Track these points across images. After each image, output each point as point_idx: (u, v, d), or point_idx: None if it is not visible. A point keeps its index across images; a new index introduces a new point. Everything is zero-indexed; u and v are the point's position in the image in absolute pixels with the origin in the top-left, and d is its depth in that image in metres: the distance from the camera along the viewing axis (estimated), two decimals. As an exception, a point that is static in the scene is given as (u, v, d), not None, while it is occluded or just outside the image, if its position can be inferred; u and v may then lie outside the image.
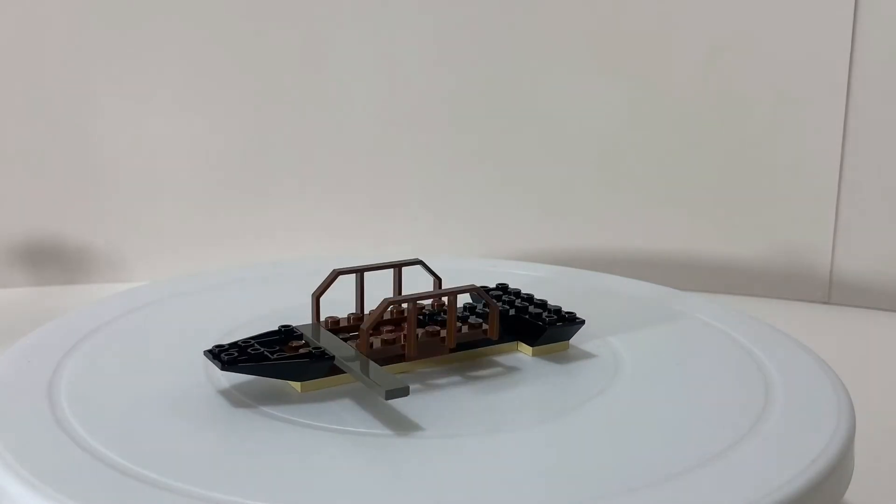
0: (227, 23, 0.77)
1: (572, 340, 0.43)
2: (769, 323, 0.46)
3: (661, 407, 0.37)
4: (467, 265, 0.53)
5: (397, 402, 0.36)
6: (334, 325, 0.40)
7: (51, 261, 0.78)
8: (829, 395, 0.38)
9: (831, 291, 0.77)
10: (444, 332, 0.39)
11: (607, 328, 0.45)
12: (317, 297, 0.40)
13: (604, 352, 0.42)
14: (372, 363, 0.36)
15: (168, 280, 0.53)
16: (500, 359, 0.41)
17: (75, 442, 0.33)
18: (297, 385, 0.37)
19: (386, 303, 0.37)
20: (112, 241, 0.79)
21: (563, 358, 0.41)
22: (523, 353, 0.42)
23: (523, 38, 0.77)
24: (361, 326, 0.37)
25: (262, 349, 0.36)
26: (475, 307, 0.42)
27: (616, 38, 0.77)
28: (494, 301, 0.40)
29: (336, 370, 0.37)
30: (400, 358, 0.38)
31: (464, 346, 0.40)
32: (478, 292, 0.39)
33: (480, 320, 0.40)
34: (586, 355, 0.42)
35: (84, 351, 0.41)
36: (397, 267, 0.42)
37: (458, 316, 0.41)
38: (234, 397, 0.36)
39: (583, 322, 0.42)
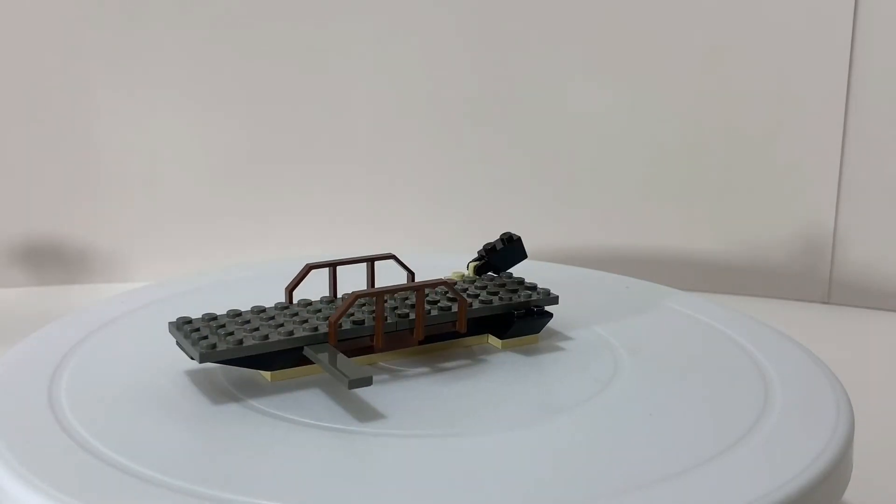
0: (228, 23, 0.77)
1: (571, 338, 0.43)
2: (769, 323, 0.46)
3: (660, 407, 0.37)
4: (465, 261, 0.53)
5: (388, 399, 0.36)
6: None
7: (51, 261, 0.78)
8: (829, 396, 0.38)
9: (831, 291, 0.77)
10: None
11: (606, 327, 0.45)
12: (289, 290, 0.41)
13: (602, 351, 0.42)
14: (340, 354, 0.36)
15: (168, 280, 0.53)
16: (485, 355, 0.41)
17: (75, 441, 0.33)
18: (266, 375, 0.37)
19: (354, 296, 0.37)
20: (112, 241, 0.79)
21: (561, 356, 0.41)
22: (493, 345, 0.42)
23: (523, 37, 0.77)
24: (330, 319, 0.37)
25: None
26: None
27: (616, 38, 0.77)
28: (463, 296, 0.40)
29: (305, 360, 0.38)
30: (369, 350, 0.39)
31: (433, 338, 0.40)
32: (448, 286, 0.39)
33: (449, 304, 0.40)
34: (584, 354, 0.42)
35: (84, 351, 0.41)
36: (370, 261, 0.43)
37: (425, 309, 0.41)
38: (233, 396, 0.37)
39: (551, 315, 0.43)
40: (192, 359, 0.36)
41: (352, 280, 0.43)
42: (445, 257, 0.50)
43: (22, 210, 0.78)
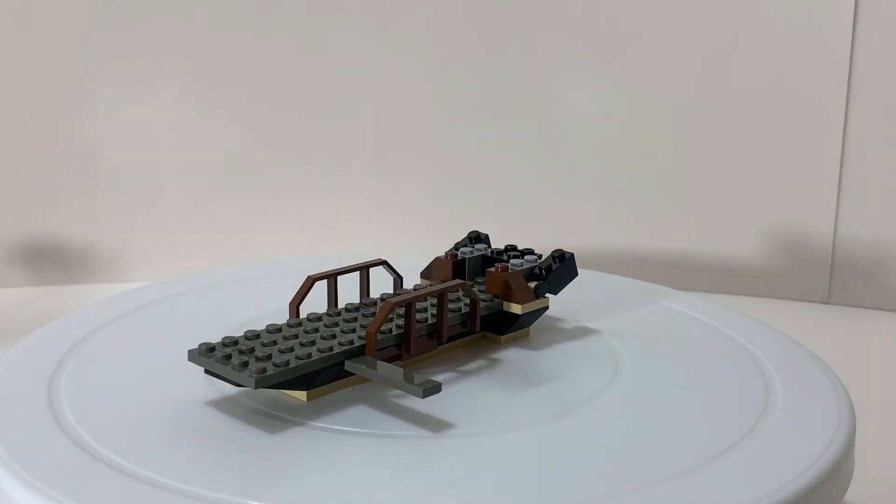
0: (228, 22, 0.77)
1: (572, 339, 0.43)
2: (769, 323, 0.46)
3: (661, 407, 0.37)
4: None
5: (408, 402, 0.36)
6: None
7: (51, 261, 0.78)
8: (829, 396, 0.38)
9: (831, 291, 0.77)
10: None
11: (607, 328, 0.45)
12: (296, 305, 0.40)
13: (603, 351, 0.42)
14: (387, 364, 0.36)
15: (168, 281, 0.53)
16: (496, 354, 0.41)
17: (75, 442, 0.33)
18: (301, 395, 0.37)
19: (389, 305, 0.37)
20: (112, 241, 0.79)
21: (563, 357, 0.41)
22: (493, 342, 0.42)
23: (523, 37, 0.77)
24: (368, 329, 0.37)
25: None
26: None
27: (617, 37, 0.77)
28: (477, 296, 0.40)
29: (342, 375, 0.37)
30: (396, 358, 0.39)
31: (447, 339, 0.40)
32: (463, 288, 0.39)
33: (459, 305, 0.41)
34: (586, 355, 0.42)
35: (84, 351, 0.41)
36: (364, 269, 0.43)
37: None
38: (233, 397, 0.36)
39: (546, 308, 0.43)
40: (237, 385, 0.35)
41: (343, 287, 0.42)
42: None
43: (22, 210, 0.78)
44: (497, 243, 0.47)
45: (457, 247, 0.46)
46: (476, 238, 0.46)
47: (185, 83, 0.77)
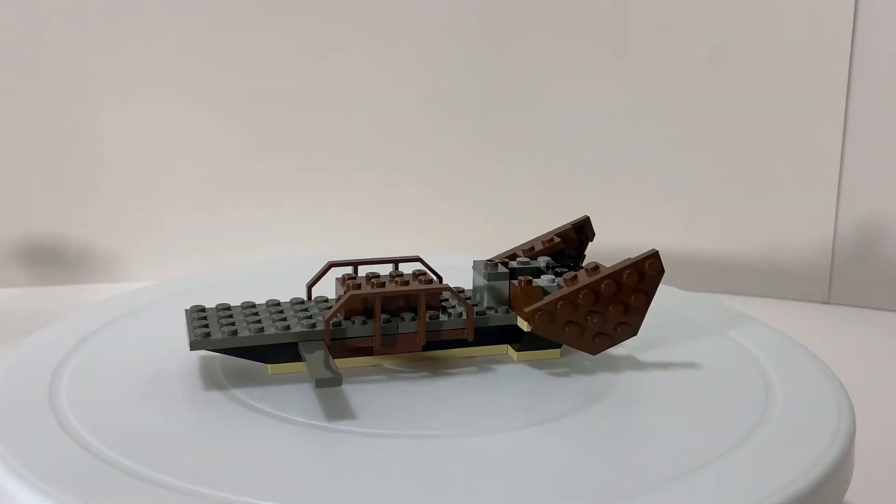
0: (228, 22, 0.77)
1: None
2: (769, 323, 0.46)
3: (661, 408, 0.37)
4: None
5: (407, 403, 0.36)
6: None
7: (51, 261, 0.78)
8: (829, 396, 0.38)
9: (831, 291, 0.77)
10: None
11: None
12: (309, 286, 0.41)
13: (603, 352, 0.42)
14: (325, 353, 0.36)
15: (168, 282, 0.53)
16: (495, 364, 0.41)
17: (76, 442, 0.33)
18: (269, 367, 0.38)
19: (349, 295, 0.37)
20: (112, 241, 0.79)
21: (563, 357, 0.41)
22: (510, 357, 0.41)
23: (524, 36, 0.77)
24: (325, 318, 0.37)
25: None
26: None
27: (617, 37, 0.77)
28: (468, 302, 0.39)
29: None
30: (369, 350, 0.38)
31: (442, 345, 0.39)
32: (452, 292, 0.38)
33: (459, 314, 0.39)
34: (584, 355, 0.42)
35: (85, 351, 0.41)
36: (395, 262, 0.41)
37: (429, 314, 0.39)
38: (237, 398, 0.37)
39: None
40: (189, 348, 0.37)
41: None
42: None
43: (22, 210, 0.78)
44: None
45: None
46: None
47: (186, 83, 0.77)
